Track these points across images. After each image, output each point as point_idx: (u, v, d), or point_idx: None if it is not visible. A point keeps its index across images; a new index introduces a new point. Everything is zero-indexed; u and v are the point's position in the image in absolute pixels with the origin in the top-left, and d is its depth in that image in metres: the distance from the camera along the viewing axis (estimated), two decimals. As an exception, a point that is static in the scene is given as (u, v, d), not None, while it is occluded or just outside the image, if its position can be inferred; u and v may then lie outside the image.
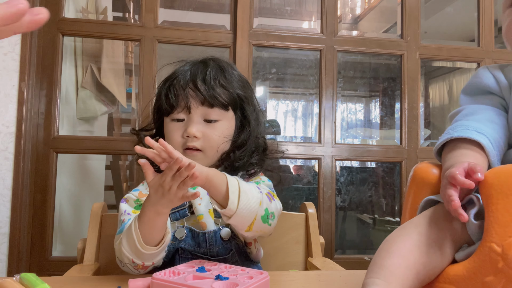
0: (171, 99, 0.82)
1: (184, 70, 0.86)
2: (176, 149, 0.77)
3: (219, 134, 0.83)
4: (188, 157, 0.77)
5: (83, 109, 1.97)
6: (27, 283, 0.52)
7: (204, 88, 0.81)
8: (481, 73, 0.73)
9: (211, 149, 0.83)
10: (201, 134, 0.82)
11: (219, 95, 0.82)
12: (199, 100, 0.82)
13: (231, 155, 0.84)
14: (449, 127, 0.65)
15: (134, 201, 0.84)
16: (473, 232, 0.53)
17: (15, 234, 1.32)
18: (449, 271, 0.51)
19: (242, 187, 0.71)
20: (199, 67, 0.85)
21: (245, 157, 0.85)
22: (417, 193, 0.63)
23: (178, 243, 0.80)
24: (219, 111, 0.83)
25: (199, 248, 0.79)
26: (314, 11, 2.98)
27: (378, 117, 3.02)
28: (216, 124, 0.83)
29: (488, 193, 0.49)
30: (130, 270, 0.74)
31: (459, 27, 3.14)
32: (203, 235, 0.79)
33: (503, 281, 0.45)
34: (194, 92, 0.82)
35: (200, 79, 0.82)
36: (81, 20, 1.71)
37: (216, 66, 0.86)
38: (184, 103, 0.81)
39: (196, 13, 2.88)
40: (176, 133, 0.83)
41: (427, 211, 0.59)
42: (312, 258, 0.96)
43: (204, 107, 0.82)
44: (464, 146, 0.59)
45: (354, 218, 2.43)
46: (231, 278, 0.57)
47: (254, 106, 0.90)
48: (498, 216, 0.47)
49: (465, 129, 0.61)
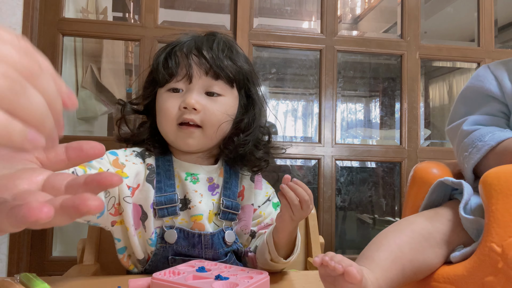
0: (171, 66, 0.72)
1: (186, 40, 0.76)
2: (171, 123, 0.72)
3: (221, 110, 0.73)
4: (184, 134, 0.72)
5: (83, 109, 1.97)
6: (27, 283, 0.52)
7: (210, 56, 0.72)
8: (482, 75, 0.69)
9: (211, 126, 0.72)
10: (201, 106, 0.71)
11: (226, 67, 0.72)
12: (203, 69, 0.71)
13: (234, 139, 0.74)
14: (467, 142, 0.63)
15: (109, 162, 0.71)
16: (468, 227, 0.53)
17: (15, 234, 1.32)
18: (449, 271, 0.51)
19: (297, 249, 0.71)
20: (203, 39, 0.76)
21: (249, 143, 0.75)
22: (417, 193, 0.64)
23: (169, 246, 0.71)
24: (223, 85, 0.73)
25: (194, 250, 0.71)
26: (314, 11, 2.97)
27: (378, 117, 3.02)
28: (219, 98, 0.73)
29: (488, 193, 0.49)
30: None
31: (459, 27, 3.14)
32: (198, 237, 0.71)
33: (503, 281, 0.45)
34: (199, 59, 0.72)
35: (206, 48, 0.73)
36: (81, 20, 1.71)
37: (224, 38, 0.77)
38: (186, 70, 0.71)
39: (196, 13, 2.87)
40: (171, 104, 0.72)
41: (426, 212, 0.59)
42: (312, 258, 0.96)
43: (208, 77, 0.72)
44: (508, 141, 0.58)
45: (354, 218, 2.43)
46: (231, 278, 0.57)
47: (258, 95, 0.81)
48: (498, 216, 0.47)
49: (493, 134, 0.60)
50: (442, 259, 0.53)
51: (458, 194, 0.60)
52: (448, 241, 0.53)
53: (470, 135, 0.63)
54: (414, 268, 0.51)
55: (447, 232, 0.54)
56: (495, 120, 0.64)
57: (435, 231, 0.53)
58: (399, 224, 0.55)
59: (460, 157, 0.65)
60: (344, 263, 0.43)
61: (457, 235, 0.54)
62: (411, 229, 0.53)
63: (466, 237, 0.54)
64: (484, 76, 0.68)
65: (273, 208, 0.82)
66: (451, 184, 0.58)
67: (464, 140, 0.64)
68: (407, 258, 0.50)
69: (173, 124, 0.72)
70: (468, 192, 0.55)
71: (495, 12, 1.72)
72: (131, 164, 0.73)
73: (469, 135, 0.63)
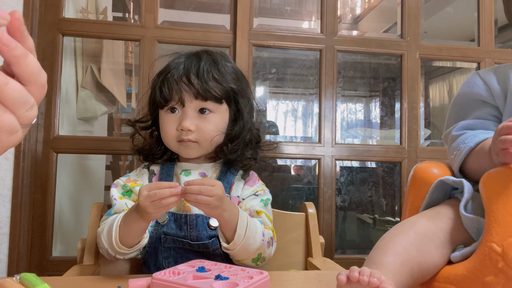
0: (165, 93, 0.84)
1: (177, 63, 0.87)
2: (172, 140, 0.86)
3: (212, 127, 0.85)
4: (183, 147, 0.85)
5: (83, 109, 1.97)
6: (27, 283, 0.52)
7: (197, 82, 0.83)
8: (471, 81, 0.72)
9: (205, 141, 0.85)
10: (195, 127, 0.84)
11: (212, 89, 0.84)
12: (192, 94, 0.83)
13: (224, 148, 0.87)
14: (454, 146, 0.67)
15: (122, 186, 0.87)
16: (469, 226, 0.53)
17: (15, 234, 1.32)
18: (449, 271, 0.51)
19: (249, 232, 0.74)
20: (192, 61, 0.86)
21: (239, 149, 0.87)
22: (417, 193, 0.64)
23: (160, 227, 0.81)
24: (212, 104, 0.84)
25: (180, 231, 0.80)
26: (314, 11, 2.98)
27: (378, 117, 3.02)
28: (210, 116, 0.85)
29: (488, 193, 0.49)
30: (103, 253, 0.79)
31: (459, 27, 3.14)
32: (185, 217, 0.80)
33: (503, 281, 0.45)
34: (188, 86, 0.83)
35: (194, 73, 0.83)
36: (81, 20, 1.71)
37: (210, 59, 0.87)
38: (178, 96, 0.83)
39: (196, 13, 2.87)
40: (170, 126, 0.85)
41: (427, 211, 0.59)
42: (312, 258, 0.96)
43: (198, 100, 0.83)
44: (486, 141, 0.60)
45: (354, 218, 2.43)
46: (231, 278, 0.57)
47: (248, 98, 0.91)
48: (498, 216, 0.47)
49: (475, 137, 0.63)
50: (447, 258, 0.53)
51: (459, 193, 0.60)
52: (452, 240, 0.53)
53: (457, 139, 0.67)
54: (422, 270, 0.51)
55: (450, 231, 0.54)
56: (485, 123, 0.67)
57: (439, 230, 0.53)
58: (402, 226, 0.55)
59: (450, 160, 0.69)
60: (377, 276, 0.43)
61: (460, 233, 0.54)
62: (415, 230, 0.53)
63: (468, 235, 0.54)
64: (473, 82, 0.71)
65: (259, 202, 0.87)
66: (451, 183, 0.59)
67: (452, 144, 0.68)
68: (414, 260, 0.50)
69: (173, 141, 0.86)
70: (468, 191, 0.55)
71: (495, 12, 1.72)
72: (141, 175, 0.91)
73: (456, 139, 0.67)
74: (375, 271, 0.44)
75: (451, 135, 0.70)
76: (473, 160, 0.61)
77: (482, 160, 0.58)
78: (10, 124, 0.33)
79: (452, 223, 0.54)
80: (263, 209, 0.85)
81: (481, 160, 0.59)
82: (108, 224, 0.76)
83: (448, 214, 0.56)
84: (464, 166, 0.64)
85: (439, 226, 0.54)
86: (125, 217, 0.73)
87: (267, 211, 0.86)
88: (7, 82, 0.32)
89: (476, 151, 0.61)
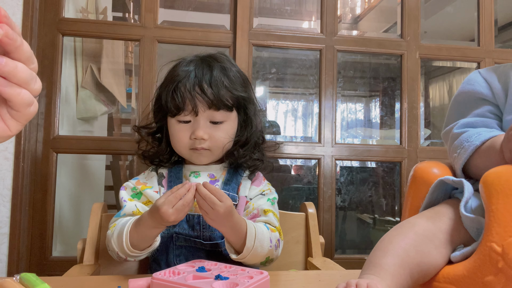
0: (178, 102, 0.83)
1: (187, 71, 0.86)
2: (184, 148, 0.88)
3: (224, 135, 0.86)
4: (196, 155, 0.88)
5: (83, 109, 1.97)
6: (27, 283, 0.52)
7: (211, 92, 0.83)
8: (473, 79, 0.71)
9: (217, 148, 0.87)
10: (208, 136, 0.85)
11: (225, 98, 0.84)
12: (206, 104, 0.83)
13: (234, 153, 0.88)
14: (456, 144, 0.66)
15: (131, 188, 0.88)
16: (469, 226, 0.53)
17: (15, 234, 1.32)
18: (449, 271, 0.51)
19: (257, 242, 0.74)
20: (203, 69, 0.86)
21: (248, 154, 0.89)
22: (417, 193, 0.64)
23: (172, 227, 0.82)
24: (224, 113, 0.85)
25: (193, 231, 0.81)
26: (314, 11, 2.98)
27: (378, 117, 3.02)
28: (222, 125, 0.86)
29: (488, 193, 0.49)
30: (113, 256, 0.79)
31: (459, 27, 3.14)
32: (197, 218, 0.81)
33: (503, 281, 0.45)
34: (201, 96, 0.83)
35: (207, 82, 0.84)
36: (81, 20, 1.71)
37: (219, 67, 0.87)
38: (192, 106, 0.83)
39: (196, 13, 2.88)
40: (183, 135, 0.86)
41: (426, 212, 0.59)
42: (312, 258, 0.96)
43: (211, 110, 0.84)
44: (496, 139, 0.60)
45: (354, 218, 2.43)
46: (231, 278, 0.57)
47: (254, 104, 0.93)
48: (499, 216, 0.47)
49: (479, 135, 0.62)
50: (447, 259, 0.53)
51: (459, 193, 0.60)
52: (452, 240, 0.53)
53: (459, 137, 0.66)
54: (422, 271, 0.51)
55: (450, 231, 0.54)
56: (486, 121, 0.66)
57: (438, 231, 0.53)
58: (401, 227, 0.55)
59: (451, 159, 0.68)
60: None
61: (460, 233, 0.54)
62: (414, 231, 0.53)
63: (468, 235, 0.54)
64: (474, 80, 0.71)
65: (267, 201, 0.88)
66: (451, 183, 0.58)
67: (454, 142, 0.67)
68: (414, 261, 0.50)
69: (186, 149, 0.87)
70: (469, 191, 0.55)
71: (495, 12, 1.72)
72: (150, 178, 0.91)
73: (458, 137, 0.66)
74: (372, 283, 0.44)
75: (452, 133, 0.69)
76: (481, 158, 0.61)
77: (493, 158, 0.57)
78: (28, 98, 0.42)
79: (452, 223, 0.54)
80: (270, 207, 0.86)
81: (490, 158, 0.58)
82: (118, 229, 0.76)
83: (448, 214, 0.55)
84: (469, 165, 0.63)
85: (438, 226, 0.54)
86: (137, 223, 0.73)
87: (274, 210, 0.87)
88: (16, 65, 0.39)
89: (483, 149, 0.61)
